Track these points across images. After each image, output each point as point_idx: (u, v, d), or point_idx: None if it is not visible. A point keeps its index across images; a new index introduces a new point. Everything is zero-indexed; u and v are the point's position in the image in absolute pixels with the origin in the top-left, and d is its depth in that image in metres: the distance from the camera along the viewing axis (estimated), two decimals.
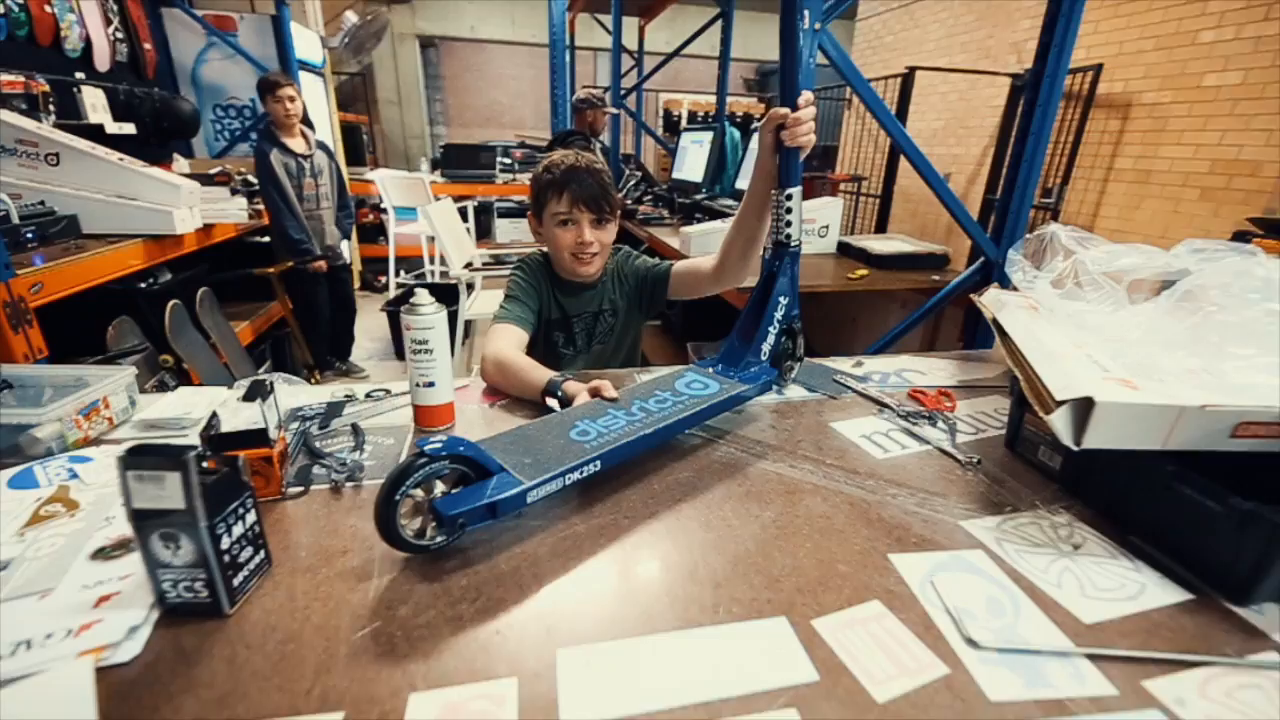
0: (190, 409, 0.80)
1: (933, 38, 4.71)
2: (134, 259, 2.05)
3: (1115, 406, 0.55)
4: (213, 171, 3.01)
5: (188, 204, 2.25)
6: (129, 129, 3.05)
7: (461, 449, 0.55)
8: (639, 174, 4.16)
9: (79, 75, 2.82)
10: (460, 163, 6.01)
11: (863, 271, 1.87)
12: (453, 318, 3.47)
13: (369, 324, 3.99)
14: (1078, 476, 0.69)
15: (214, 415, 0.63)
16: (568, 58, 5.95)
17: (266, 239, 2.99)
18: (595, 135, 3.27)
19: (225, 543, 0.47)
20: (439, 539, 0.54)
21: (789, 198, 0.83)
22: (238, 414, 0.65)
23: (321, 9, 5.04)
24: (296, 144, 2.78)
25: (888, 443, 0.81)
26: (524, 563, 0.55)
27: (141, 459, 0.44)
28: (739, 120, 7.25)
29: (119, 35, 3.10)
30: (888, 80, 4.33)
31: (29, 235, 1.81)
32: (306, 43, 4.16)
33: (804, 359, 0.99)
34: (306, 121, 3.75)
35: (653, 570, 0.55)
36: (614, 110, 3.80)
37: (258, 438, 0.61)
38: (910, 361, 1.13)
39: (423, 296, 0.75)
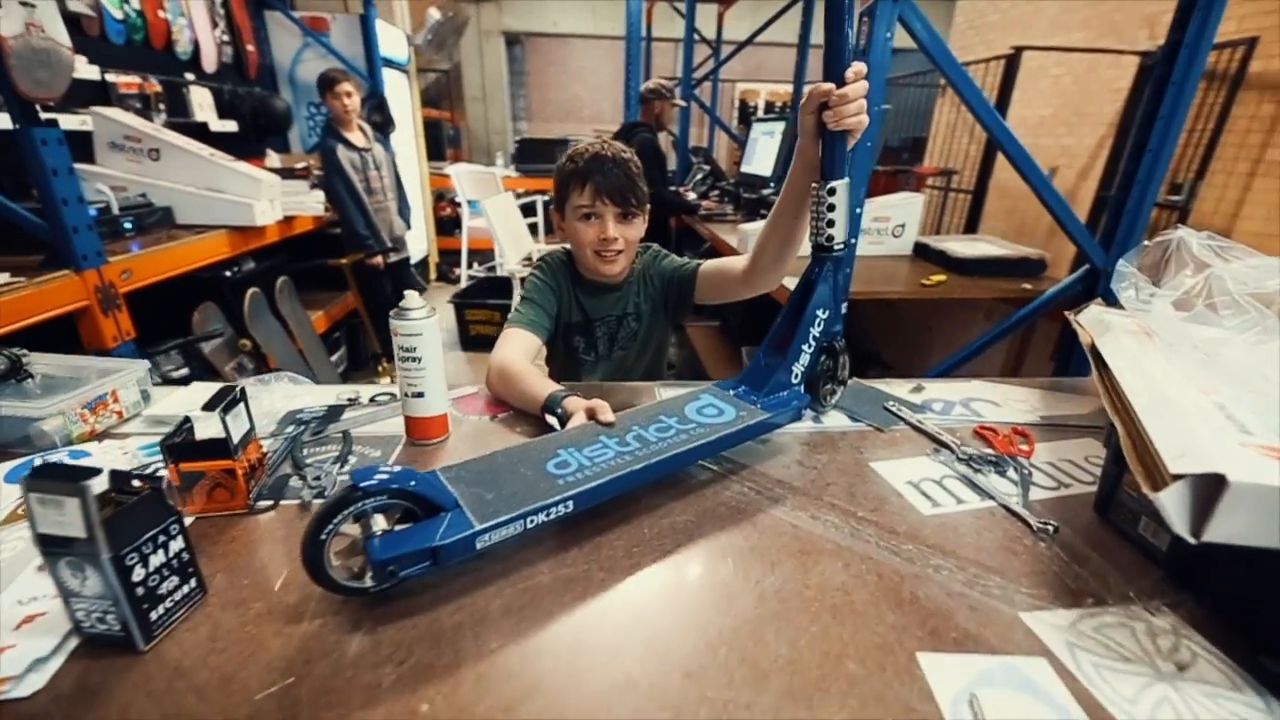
0: (189, 408, 0.79)
1: (1046, 14, 4.22)
2: (218, 249, 2.18)
3: (1260, 491, 0.40)
4: (297, 166, 3.19)
5: (268, 197, 2.37)
6: (231, 126, 3.29)
7: (406, 483, 0.48)
8: (707, 168, 4.02)
9: (188, 76, 3.06)
10: (534, 157, 6.11)
11: (939, 277, 1.66)
12: (505, 311, 3.49)
13: (440, 315, 4.12)
14: (1191, 563, 0.53)
15: (186, 421, 0.60)
16: (643, 49, 5.89)
17: (339, 231, 3.13)
18: (662, 128, 3.17)
19: (139, 574, 0.43)
20: (371, 583, 0.48)
21: (831, 192, 0.70)
22: (237, 417, 0.62)
23: (409, 7, 5.25)
24: (356, 138, 2.87)
25: (939, 493, 0.67)
26: (469, 618, 0.48)
27: (43, 481, 0.40)
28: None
29: (225, 38, 3.34)
30: (989, 63, 3.93)
31: (127, 225, 1.97)
32: (392, 40, 4.33)
33: (848, 382, 0.85)
34: (387, 118, 3.92)
35: (614, 644, 0.46)
36: (681, 103, 3.68)
37: (220, 449, 0.58)
38: (983, 389, 0.96)
39: (412, 300, 0.69)
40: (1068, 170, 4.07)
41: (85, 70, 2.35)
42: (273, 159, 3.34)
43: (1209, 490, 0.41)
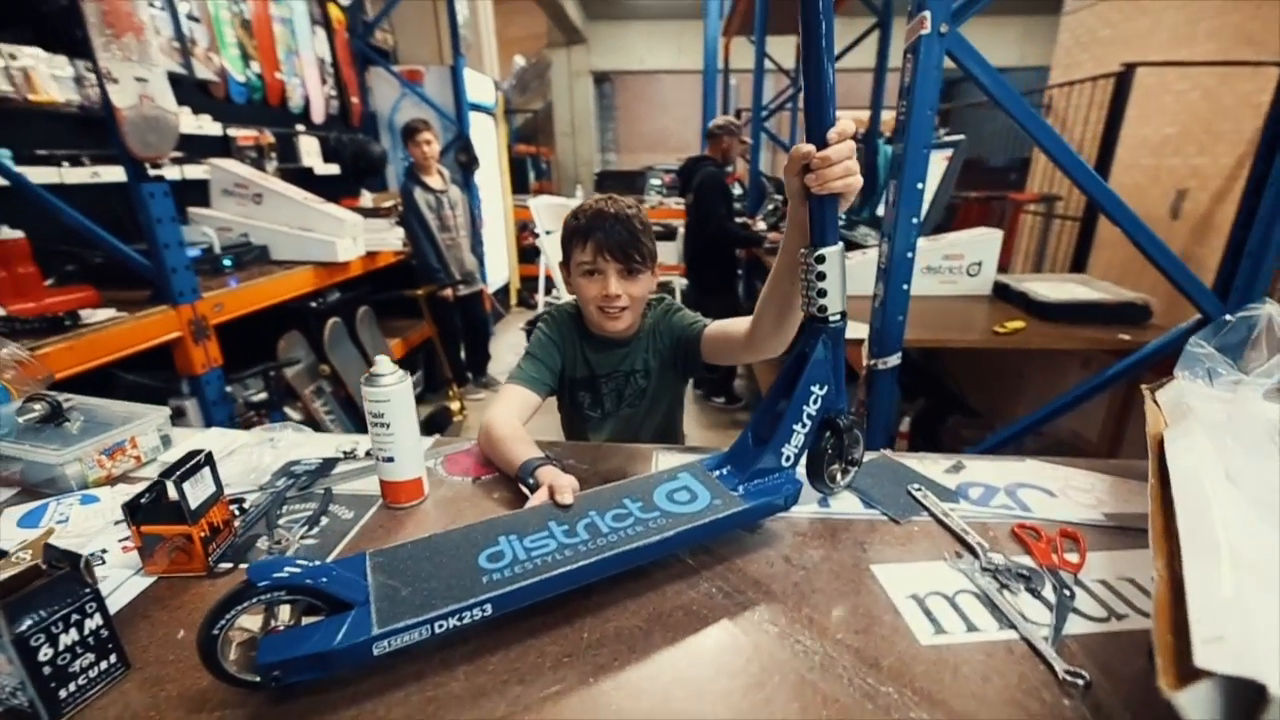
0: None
1: (1166, 26, 3.78)
2: (304, 283, 2.38)
3: None
4: (384, 205, 3.46)
5: (351, 235, 2.57)
6: (333, 169, 3.64)
7: (304, 581, 0.46)
8: (779, 198, 3.92)
9: (299, 127, 3.42)
10: (613, 188, 6.26)
11: (1016, 324, 1.47)
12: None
13: (515, 339, 4.28)
14: None
15: (159, 481, 0.62)
16: (723, 81, 5.91)
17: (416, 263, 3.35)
18: (728, 162, 3.14)
19: (46, 654, 0.44)
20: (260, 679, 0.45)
21: (821, 260, 0.63)
22: (199, 482, 0.64)
23: (498, 55, 5.62)
24: (434, 181, 3.09)
25: (947, 615, 0.56)
26: None
27: None
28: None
29: (332, 93, 3.71)
30: (1096, 81, 3.56)
31: (227, 262, 2.20)
32: (480, 87, 4.63)
33: (861, 462, 0.75)
34: (472, 158, 4.18)
35: None
36: (748, 140, 3.63)
37: (176, 513, 0.59)
38: (1037, 471, 0.82)
39: (383, 365, 0.69)
40: (1200, 193, 3.58)
41: (210, 127, 2.69)
42: (366, 198, 3.64)
43: (1247, 698, 0.29)
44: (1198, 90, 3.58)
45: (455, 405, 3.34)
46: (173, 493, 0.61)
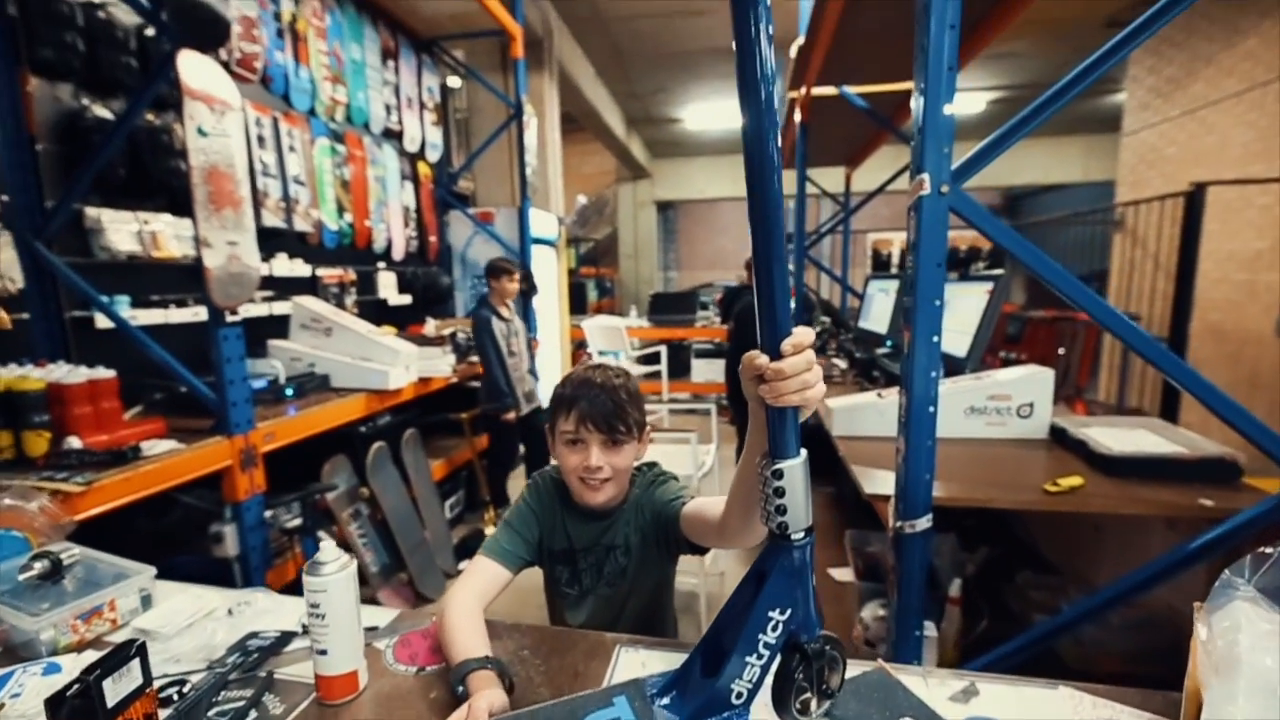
0: (171, 619, 0.84)
1: (1236, 143, 3.65)
2: (354, 410, 2.53)
3: None
4: (445, 332, 3.72)
5: (404, 364, 2.75)
6: (406, 299, 4.02)
7: None
8: (826, 320, 3.90)
9: (380, 265, 3.84)
10: (667, 308, 6.50)
11: (1073, 481, 1.30)
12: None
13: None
14: None
15: (92, 669, 0.62)
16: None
17: (473, 383, 3.51)
18: None
19: None
20: None
21: (778, 475, 0.57)
22: (124, 675, 0.63)
23: (565, 193, 6.22)
24: (505, 311, 3.34)
25: None
26: None
27: None
28: (959, 256, 6.47)
29: (413, 234, 4.18)
30: (1165, 200, 3.42)
31: (289, 392, 2.39)
32: (544, 223, 5.09)
33: (835, 694, 0.63)
34: (531, 286, 4.51)
35: None
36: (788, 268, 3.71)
37: (87, 711, 0.58)
38: (1069, 702, 0.66)
39: (326, 552, 0.68)
40: None
41: (301, 269, 3.06)
42: (430, 325, 3.94)
43: None
44: None
45: (490, 530, 3.32)
46: (109, 685, 0.60)
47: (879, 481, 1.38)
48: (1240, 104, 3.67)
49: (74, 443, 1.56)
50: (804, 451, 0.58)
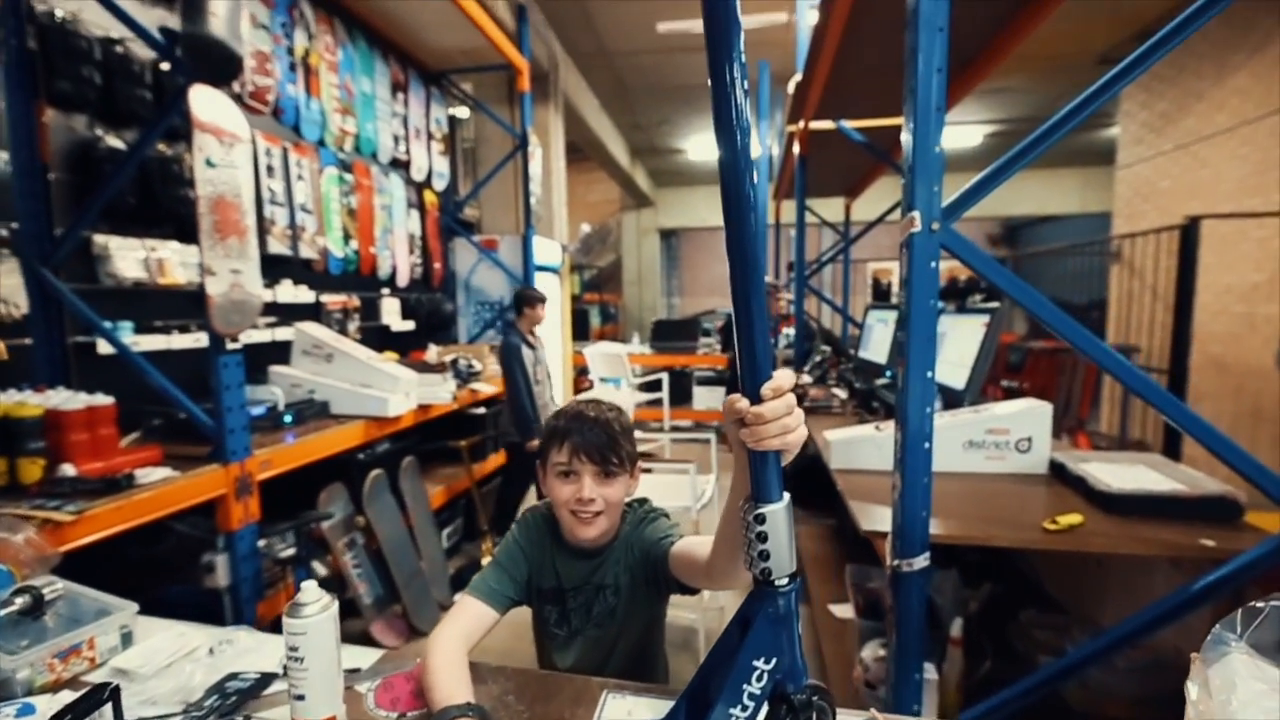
0: (150, 658, 0.82)
1: (1230, 178, 3.69)
2: (353, 438, 2.52)
3: None
4: (447, 358, 3.73)
5: (404, 390, 2.75)
6: (409, 326, 4.04)
7: None
8: (826, 349, 3.89)
9: (384, 291, 3.87)
10: (669, 335, 6.52)
11: (1072, 519, 1.28)
12: None
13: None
14: None
15: (62, 714, 0.61)
16: (773, 235, 6.26)
17: (475, 410, 3.51)
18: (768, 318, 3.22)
19: None
20: None
21: (760, 520, 0.56)
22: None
23: (569, 221, 6.31)
24: (531, 339, 3.39)
25: None
26: None
27: None
28: (958, 286, 6.50)
29: (418, 261, 4.23)
30: (1160, 233, 3.45)
31: (287, 419, 2.38)
32: (547, 250, 5.15)
33: None
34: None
35: None
36: (786, 297, 3.73)
37: None
38: None
39: (308, 593, 0.67)
40: None
41: (305, 296, 3.09)
42: (432, 351, 3.95)
43: None
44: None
45: (487, 560, 3.28)
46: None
47: (876, 517, 1.37)
48: (1232, 139, 3.72)
49: (68, 470, 1.56)
50: (787, 495, 0.57)
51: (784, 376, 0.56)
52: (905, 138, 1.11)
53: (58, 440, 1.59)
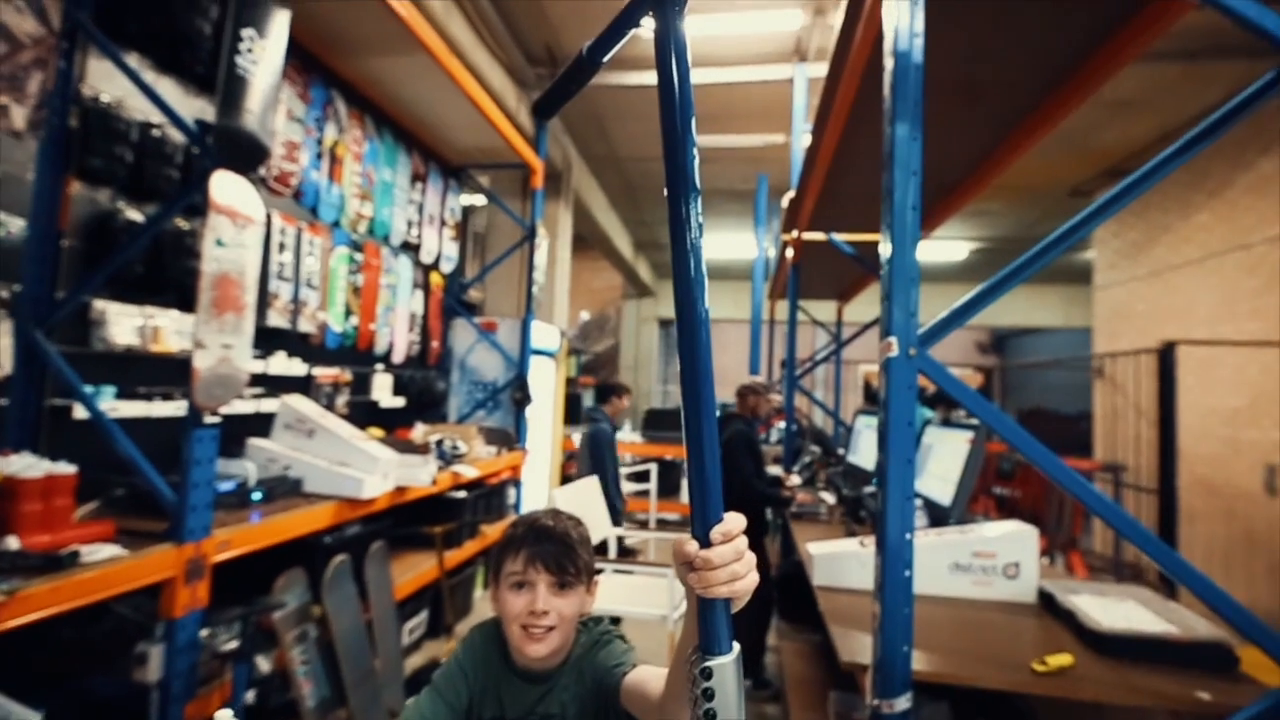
0: None
1: (1204, 304, 3.85)
2: (322, 519, 2.42)
3: None
4: (432, 439, 3.68)
5: (381, 472, 2.68)
6: (400, 402, 4.01)
7: None
8: (816, 449, 3.86)
9: (378, 367, 3.88)
10: (660, 424, 6.49)
11: (1062, 660, 1.20)
12: None
13: None
14: None
15: None
16: (767, 332, 6.41)
17: (455, 494, 3.41)
18: (756, 418, 3.22)
19: None
20: None
21: (707, 675, 0.51)
22: None
23: (570, 307, 6.47)
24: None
25: None
26: None
27: None
28: (944, 393, 6.56)
29: (416, 339, 4.28)
30: (1140, 355, 3.54)
31: (256, 496, 2.30)
32: (545, 335, 5.24)
33: None
34: (526, 395, 4.52)
35: None
36: (778, 400, 3.76)
37: None
38: None
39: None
40: None
41: (297, 368, 3.09)
42: (419, 430, 3.91)
43: None
44: (1256, 365, 3.46)
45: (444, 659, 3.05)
46: None
47: (858, 647, 1.29)
48: (1201, 269, 3.92)
49: (12, 543, 1.48)
50: (737, 646, 0.54)
51: (734, 520, 0.54)
52: (883, 267, 1.17)
53: (8, 510, 1.53)
